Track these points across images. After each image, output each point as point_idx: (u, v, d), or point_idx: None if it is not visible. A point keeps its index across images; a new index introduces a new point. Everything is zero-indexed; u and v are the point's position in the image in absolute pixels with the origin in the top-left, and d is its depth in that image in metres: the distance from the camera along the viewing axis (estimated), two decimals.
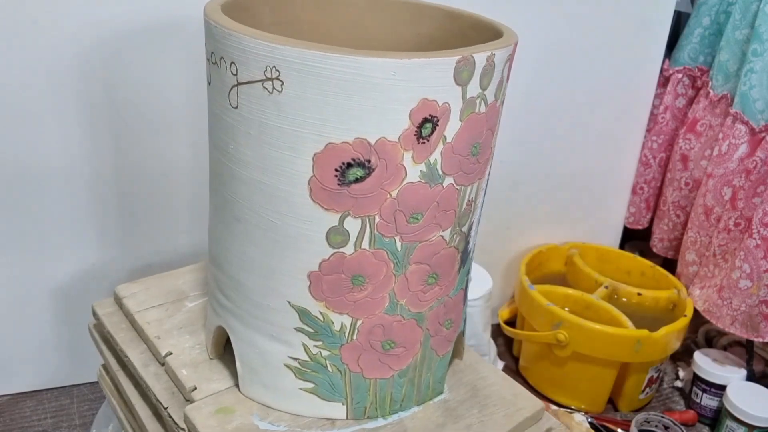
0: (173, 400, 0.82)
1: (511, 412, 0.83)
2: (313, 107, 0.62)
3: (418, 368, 0.79)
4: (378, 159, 0.64)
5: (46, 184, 1.16)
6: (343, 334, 0.73)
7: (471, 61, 0.64)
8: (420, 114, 0.63)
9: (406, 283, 0.72)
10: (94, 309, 0.97)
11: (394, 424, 0.80)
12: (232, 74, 0.66)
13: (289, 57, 0.61)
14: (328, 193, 0.65)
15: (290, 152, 0.65)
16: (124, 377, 0.91)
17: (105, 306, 0.97)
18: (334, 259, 0.69)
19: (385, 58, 0.60)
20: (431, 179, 0.67)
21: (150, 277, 1.00)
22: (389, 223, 0.67)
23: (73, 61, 1.09)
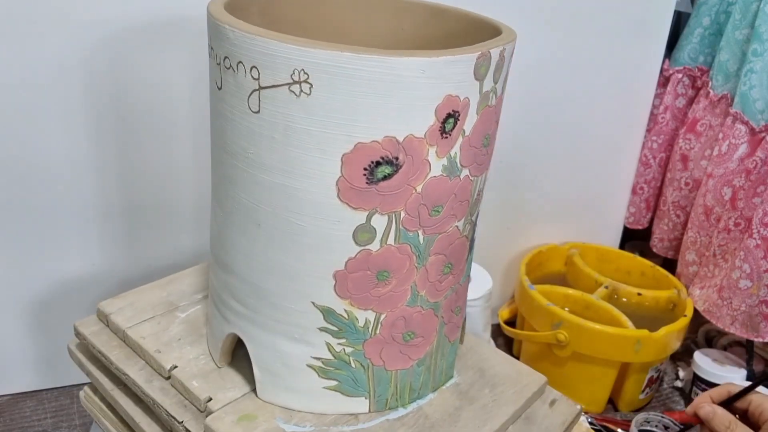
0: (187, 413, 0.81)
1: (519, 389, 0.87)
2: (343, 108, 0.63)
3: (434, 356, 0.81)
4: (405, 156, 0.65)
5: (48, 184, 1.16)
6: (367, 329, 0.74)
7: (488, 56, 0.66)
8: (444, 110, 0.65)
9: (426, 275, 0.74)
10: (77, 328, 0.94)
11: (415, 411, 0.81)
12: (252, 78, 0.66)
13: (319, 59, 0.62)
14: (356, 192, 0.66)
15: (317, 154, 0.66)
16: (122, 396, 0.89)
17: (89, 324, 0.94)
18: (361, 256, 0.70)
19: (415, 57, 0.61)
20: (451, 172, 0.69)
21: (132, 291, 0.99)
22: (413, 218, 0.69)
23: (76, 62, 1.10)
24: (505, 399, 0.84)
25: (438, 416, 0.81)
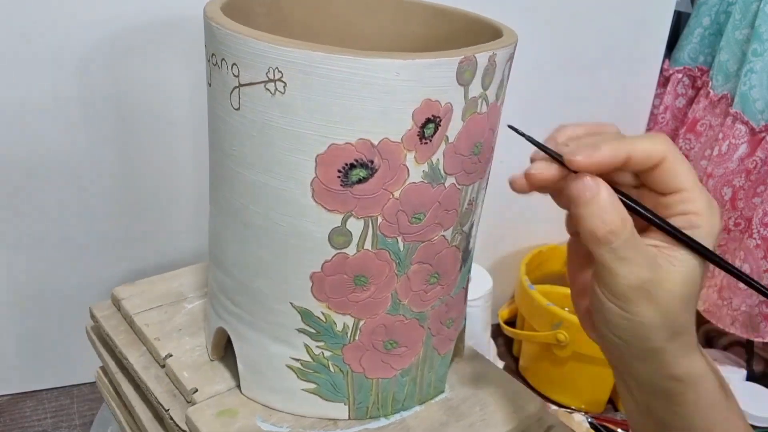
0: (175, 403, 0.81)
1: (513, 410, 0.83)
2: (317, 108, 0.62)
3: (420, 367, 0.79)
4: (381, 159, 0.64)
5: (46, 183, 1.16)
6: (345, 334, 0.73)
7: (473, 61, 0.64)
8: (423, 114, 0.63)
9: (408, 283, 0.72)
10: (92, 311, 0.97)
11: (397, 423, 0.80)
12: (233, 76, 0.66)
13: (292, 58, 0.61)
14: (331, 194, 0.65)
15: (293, 154, 0.65)
16: (123, 380, 0.91)
17: (103, 308, 0.96)
18: (337, 260, 0.68)
19: (389, 59, 0.60)
20: (433, 179, 0.67)
21: (148, 279, 1.00)
22: (392, 224, 0.67)
23: (75, 62, 1.09)
24: (495, 420, 0.81)
25: (421, 430, 0.79)
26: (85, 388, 1.36)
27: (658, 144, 0.59)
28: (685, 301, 0.59)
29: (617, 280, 0.59)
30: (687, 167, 0.60)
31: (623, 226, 0.57)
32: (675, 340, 0.61)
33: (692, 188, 0.59)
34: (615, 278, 0.59)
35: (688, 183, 0.59)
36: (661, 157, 0.59)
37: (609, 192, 0.58)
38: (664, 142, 0.59)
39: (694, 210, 0.59)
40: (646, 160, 0.59)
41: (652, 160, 0.59)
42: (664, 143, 0.59)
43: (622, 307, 0.60)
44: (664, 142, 0.60)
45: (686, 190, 0.59)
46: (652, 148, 0.59)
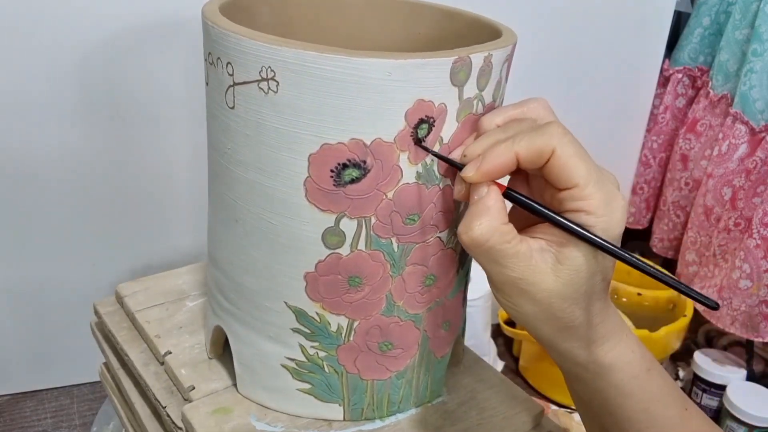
0: (172, 400, 0.82)
1: (510, 415, 0.83)
2: (309, 107, 0.62)
3: (416, 370, 0.79)
4: (374, 160, 0.63)
5: (46, 183, 1.16)
6: (340, 335, 0.73)
7: (468, 61, 0.63)
8: (416, 115, 0.63)
9: (403, 285, 0.71)
10: (95, 307, 0.97)
11: (392, 426, 0.79)
12: (228, 74, 0.66)
13: (284, 57, 0.61)
14: (324, 194, 0.65)
15: (287, 153, 0.64)
16: (124, 376, 0.91)
17: (106, 305, 0.97)
18: (331, 260, 0.68)
19: (381, 59, 0.60)
20: (428, 180, 0.66)
21: (151, 276, 1.00)
22: (385, 224, 0.67)
23: (73, 61, 1.09)
24: (492, 425, 0.81)
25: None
26: (85, 388, 1.36)
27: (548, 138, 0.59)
28: (569, 299, 0.61)
29: (490, 276, 0.63)
30: (581, 162, 0.59)
31: (489, 236, 0.59)
32: (565, 333, 0.63)
33: (585, 185, 0.59)
34: (488, 276, 0.63)
35: (580, 179, 0.59)
36: (550, 152, 0.59)
37: (494, 200, 0.60)
38: (555, 136, 0.59)
39: (586, 208, 0.59)
40: (536, 158, 0.59)
41: (541, 157, 0.59)
42: (555, 136, 0.59)
43: (506, 299, 0.63)
44: (555, 135, 0.59)
45: (578, 187, 0.59)
46: (540, 145, 0.59)
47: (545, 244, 0.61)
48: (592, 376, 0.66)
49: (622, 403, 0.67)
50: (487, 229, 0.59)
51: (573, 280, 0.60)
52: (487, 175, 0.60)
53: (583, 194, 0.59)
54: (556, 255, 0.60)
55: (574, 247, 0.60)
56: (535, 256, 0.60)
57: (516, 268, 0.60)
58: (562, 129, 0.60)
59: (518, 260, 0.60)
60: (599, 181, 0.60)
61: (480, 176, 0.60)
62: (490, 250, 0.60)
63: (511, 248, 0.60)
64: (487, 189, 0.60)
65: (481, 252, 0.60)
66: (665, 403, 0.68)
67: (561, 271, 0.60)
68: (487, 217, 0.59)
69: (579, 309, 0.62)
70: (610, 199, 0.60)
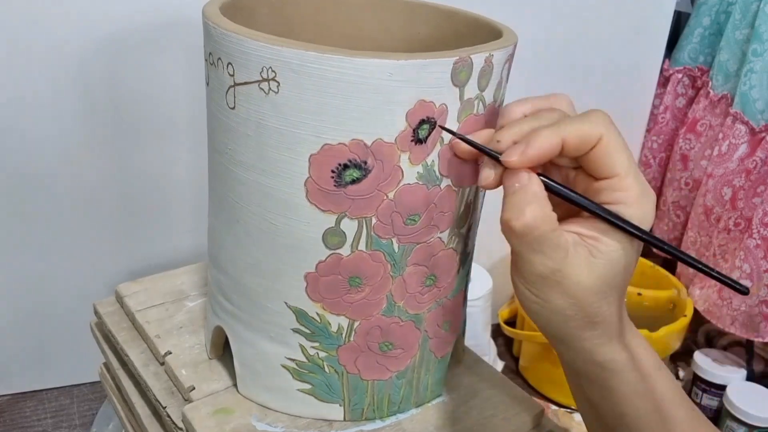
0: (172, 400, 0.82)
1: (510, 416, 0.82)
2: (310, 108, 0.62)
3: (417, 370, 0.79)
4: (374, 160, 0.63)
5: (46, 183, 1.16)
6: (340, 335, 0.73)
7: (469, 62, 0.63)
8: (417, 115, 0.63)
9: (403, 285, 0.71)
10: (95, 307, 0.97)
11: (392, 426, 0.79)
12: (229, 75, 0.66)
13: (285, 58, 0.61)
14: (324, 195, 0.65)
15: (288, 153, 0.64)
16: (124, 376, 0.92)
17: (106, 305, 0.97)
18: (331, 260, 0.68)
19: (382, 59, 0.60)
20: (429, 181, 0.66)
21: (151, 277, 1.00)
22: (386, 225, 0.67)
23: (73, 61, 1.09)
24: (492, 425, 0.81)
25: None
26: (85, 388, 1.36)
27: (594, 126, 0.59)
28: (599, 294, 0.60)
29: (527, 267, 0.60)
30: (623, 152, 0.59)
31: (541, 222, 0.58)
32: (591, 329, 0.62)
33: (625, 175, 0.59)
34: (525, 266, 0.61)
35: (621, 169, 0.59)
36: (596, 139, 0.59)
37: (538, 187, 0.59)
38: (602, 124, 0.59)
39: (623, 199, 0.59)
40: (582, 145, 0.59)
41: (587, 144, 0.59)
42: (602, 125, 0.59)
43: (535, 294, 0.62)
44: (602, 123, 0.59)
45: (618, 177, 0.59)
46: (587, 131, 0.59)
47: (578, 238, 0.61)
48: (609, 375, 0.65)
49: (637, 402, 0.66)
50: (540, 215, 0.58)
51: (606, 274, 0.60)
52: (532, 160, 0.59)
53: (623, 185, 0.59)
54: (590, 249, 0.60)
55: (610, 240, 0.60)
56: (571, 249, 0.60)
57: (556, 258, 0.59)
58: (608, 117, 0.60)
59: (560, 251, 0.59)
60: (637, 173, 0.60)
61: (525, 161, 0.59)
62: (538, 239, 0.58)
63: (557, 237, 0.59)
64: (527, 176, 0.59)
65: (528, 240, 0.59)
66: (676, 403, 0.67)
67: (595, 264, 0.60)
68: (537, 204, 0.59)
69: (608, 304, 0.62)
70: (645, 192, 0.60)
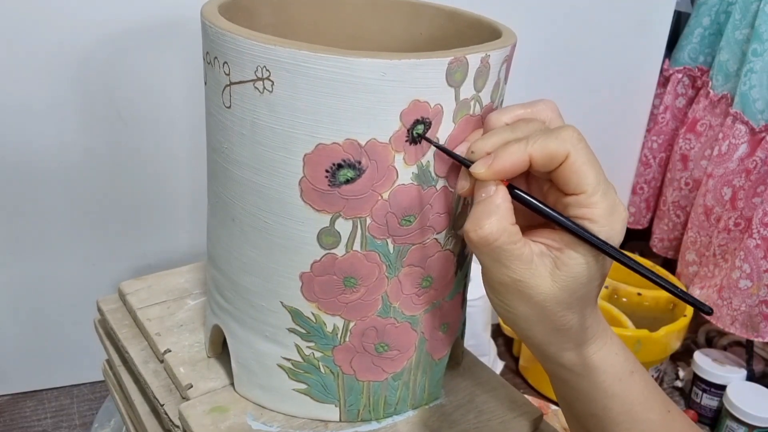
0: (170, 398, 0.82)
1: (508, 419, 0.82)
2: (304, 107, 0.62)
3: (413, 372, 0.78)
4: (369, 160, 0.63)
5: (45, 183, 1.16)
6: (336, 335, 0.72)
7: (464, 62, 0.63)
8: (411, 115, 0.62)
9: (399, 286, 0.71)
10: (98, 304, 0.98)
11: (388, 428, 0.79)
12: (225, 74, 0.66)
13: (278, 57, 0.60)
14: (319, 194, 0.65)
15: (282, 152, 0.64)
16: (125, 373, 0.92)
17: (109, 302, 0.98)
18: (326, 260, 0.68)
19: (375, 59, 0.59)
20: (424, 181, 0.66)
21: (154, 275, 1.01)
22: (381, 225, 0.67)
23: (72, 61, 1.09)
24: (490, 428, 0.80)
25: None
26: (85, 388, 1.36)
27: (562, 143, 0.59)
28: (563, 303, 0.61)
29: (489, 276, 0.62)
30: (591, 170, 0.60)
31: (498, 235, 0.59)
32: (557, 335, 0.64)
33: (592, 192, 0.60)
34: (488, 274, 0.63)
35: (588, 186, 0.60)
36: (563, 156, 0.59)
37: (502, 199, 0.60)
38: (569, 141, 0.59)
39: (590, 216, 0.60)
40: (549, 161, 0.60)
41: (554, 161, 0.60)
42: (569, 142, 0.59)
43: (501, 300, 0.63)
44: (570, 141, 0.59)
45: (585, 194, 0.60)
46: (554, 148, 0.59)
47: (545, 249, 0.61)
48: (577, 378, 0.67)
49: (606, 404, 0.68)
50: (496, 227, 0.59)
51: (570, 285, 0.61)
52: (498, 173, 0.60)
53: (590, 201, 0.60)
54: (555, 260, 0.61)
55: (574, 253, 0.60)
56: (536, 259, 0.61)
57: (517, 269, 0.60)
58: (578, 134, 0.60)
59: (521, 262, 0.60)
60: (606, 190, 0.60)
61: (491, 174, 0.60)
62: (496, 250, 0.59)
63: (517, 249, 0.60)
64: (495, 187, 0.60)
65: (487, 251, 0.60)
66: (647, 406, 0.69)
67: (559, 276, 0.61)
68: (496, 216, 0.59)
69: (572, 313, 0.63)
70: (613, 210, 0.60)
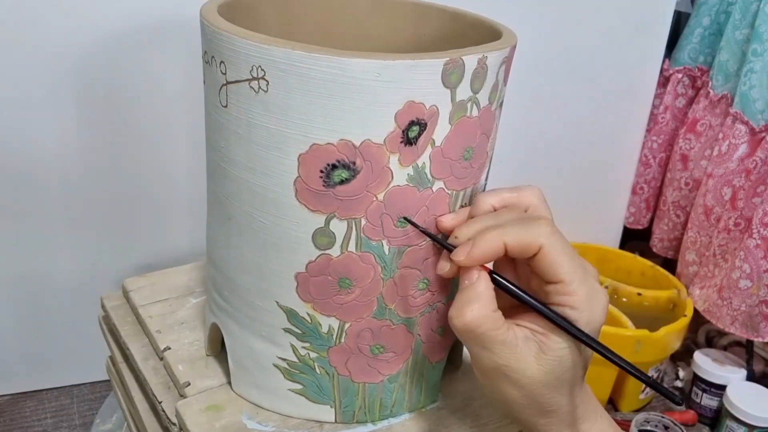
0: (168, 395, 0.82)
1: (505, 425, 0.82)
2: (299, 107, 0.62)
3: (410, 374, 0.78)
4: (363, 161, 0.63)
5: (45, 182, 1.16)
6: (331, 336, 0.72)
7: (460, 63, 0.63)
8: (406, 116, 0.62)
9: (395, 288, 0.71)
10: (102, 301, 0.98)
11: (384, 430, 0.79)
12: (221, 73, 0.66)
13: (273, 56, 0.60)
14: (313, 195, 0.65)
15: (277, 152, 0.64)
16: (126, 370, 0.92)
17: (113, 299, 0.98)
18: (321, 260, 0.68)
19: (369, 59, 0.59)
20: (419, 183, 0.66)
21: (158, 272, 1.01)
22: (376, 227, 0.66)
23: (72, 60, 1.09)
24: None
25: None
26: (85, 388, 1.36)
27: (536, 235, 0.61)
28: (549, 386, 0.63)
29: (476, 360, 0.64)
30: (566, 260, 0.61)
31: (480, 323, 0.61)
32: (545, 416, 0.65)
33: (570, 281, 0.61)
34: (474, 359, 0.64)
35: (566, 275, 0.61)
36: (537, 248, 0.61)
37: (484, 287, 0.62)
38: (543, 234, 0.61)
39: (570, 303, 0.62)
40: (523, 251, 0.62)
41: (528, 251, 0.62)
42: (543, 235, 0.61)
43: (488, 383, 0.65)
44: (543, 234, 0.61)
45: (563, 282, 0.62)
46: (528, 240, 0.61)
47: (530, 333, 0.63)
48: None
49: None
50: (478, 315, 0.61)
51: (555, 369, 0.62)
52: (476, 260, 0.62)
53: (568, 290, 0.62)
54: (540, 345, 0.62)
55: (558, 338, 0.62)
56: (520, 344, 0.62)
57: (503, 354, 0.62)
58: (551, 227, 0.62)
59: (505, 348, 0.62)
60: (584, 278, 0.62)
61: (469, 261, 0.62)
62: (480, 336, 0.61)
63: (500, 335, 0.61)
64: (477, 274, 0.63)
65: (471, 337, 0.62)
66: None
67: (544, 360, 0.62)
68: (478, 304, 0.61)
69: (560, 395, 0.64)
70: (592, 296, 0.62)
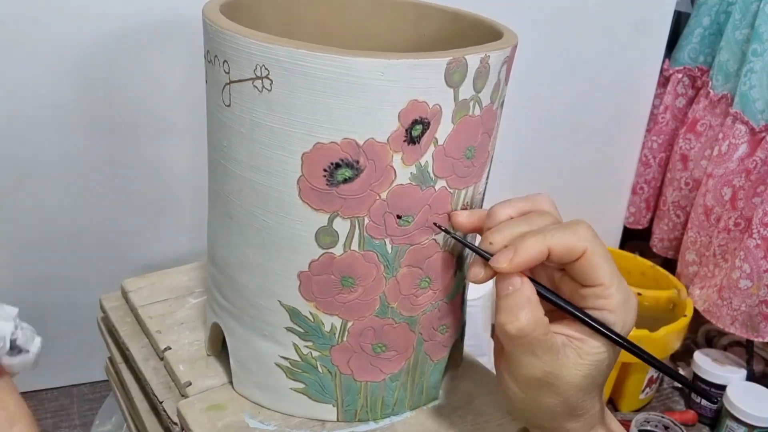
0: (169, 395, 0.82)
1: (506, 422, 0.82)
2: (302, 106, 0.62)
3: (411, 373, 0.78)
4: (366, 160, 0.63)
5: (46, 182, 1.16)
6: (333, 335, 0.72)
7: (463, 62, 0.63)
8: (409, 115, 0.62)
9: (397, 286, 0.71)
10: (101, 302, 0.98)
11: (385, 428, 0.79)
12: (224, 72, 0.66)
13: (277, 56, 0.61)
14: (317, 193, 0.65)
15: (280, 151, 0.64)
16: (126, 370, 0.92)
17: (112, 300, 0.98)
18: (324, 259, 0.68)
19: (373, 59, 0.59)
20: (422, 181, 0.66)
21: (157, 272, 1.01)
22: (379, 225, 0.67)
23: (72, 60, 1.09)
24: (487, 430, 0.80)
25: None
26: (85, 388, 1.36)
27: (580, 239, 0.62)
28: (585, 390, 0.64)
29: (521, 369, 0.64)
30: (607, 262, 0.62)
31: (534, 327, 0.61)
32: (575, 421, 0.66)
33: (609, 285, 0.62)
34: (519, 368, 0.64)
35: (605, 278, 0.62)
36: (581, 252, 0.62)
37: (531, 291, 0.63)
38: (586, 237, 0.62)
39: (608, 307, 0.62)
40: (567, 256, 0.62)
41: (572, 255, 0.62)
42: (586, 237, 0.62)
43: (525, 393, 0.65)
44: (586, 236, 0.62)
45: (602, 286, 0.62)
46: (573, 243, 0.62)
47: (566, 339, 0.63)
48: None
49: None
50: (533, 319, 0.61)
51: (591, 372, 0.63)
52: (519, 266, 0.62)
53: (607, 293, 0.62)
54: (577, 350, 0.63)
55: (597, 342, 0.63)
56: (561, 351, 0.63)
57: (548, 360, 0.62)
58: (592, 230, 0.63)
59: (551, 353, 0.62)
60: (620, 281, 0.63)
61: (512, 267, 0.62)
62: (533, 341, 0.61)
63: (549, 340, 0.62)
64: (521, 280, 0.63)
65: (523, 343, 0.62)
66: None
67: (581, 365, 0.63)
68: (530, 307, 0.62)
69: (591, 398, 0.65)
70: (627, 299, 0.63)
